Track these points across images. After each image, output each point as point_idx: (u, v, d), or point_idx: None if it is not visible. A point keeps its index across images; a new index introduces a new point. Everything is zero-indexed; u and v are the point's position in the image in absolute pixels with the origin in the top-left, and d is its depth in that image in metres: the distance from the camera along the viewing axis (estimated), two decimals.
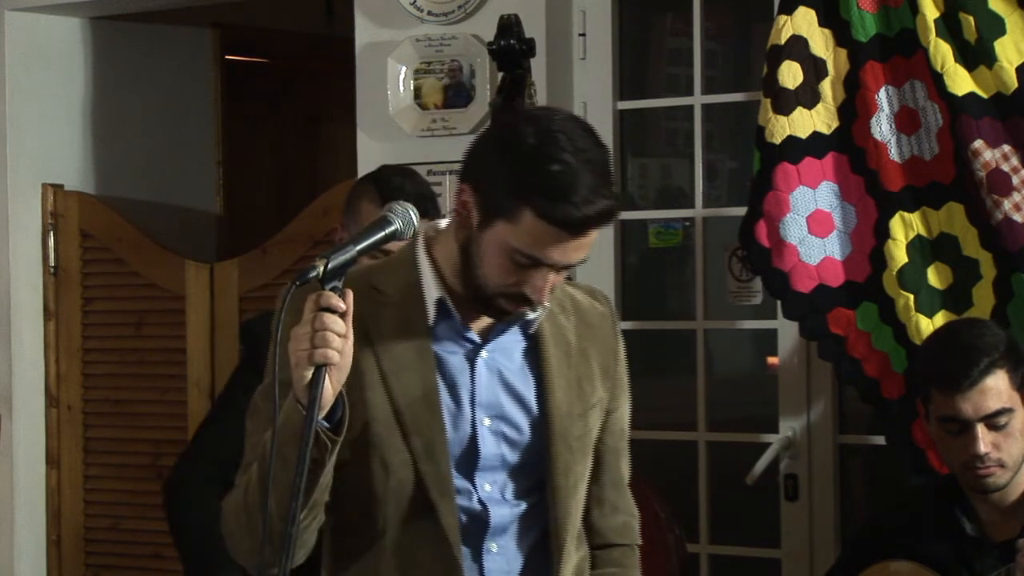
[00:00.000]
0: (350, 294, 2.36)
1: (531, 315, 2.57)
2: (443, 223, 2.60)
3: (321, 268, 2.33)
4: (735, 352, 4.82)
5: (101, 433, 5.56)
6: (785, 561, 4.41)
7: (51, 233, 5.56)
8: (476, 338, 2.57)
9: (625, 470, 2.78)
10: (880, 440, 4.08)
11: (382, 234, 2.43)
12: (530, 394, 2.60)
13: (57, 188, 5.57)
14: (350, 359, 2.36)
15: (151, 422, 5.47)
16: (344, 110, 5.20)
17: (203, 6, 5.56)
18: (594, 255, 4.54)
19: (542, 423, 2.58)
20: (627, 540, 2.78)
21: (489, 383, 2.57)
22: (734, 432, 4.58)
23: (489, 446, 2.56)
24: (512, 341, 2.60)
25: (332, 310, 2.33)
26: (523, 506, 2.59)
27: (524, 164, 2.42)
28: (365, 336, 2.50)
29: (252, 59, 6.42)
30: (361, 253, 2.38)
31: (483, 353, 2.56)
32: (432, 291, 2.54)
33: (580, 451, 2.62)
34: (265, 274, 5.24)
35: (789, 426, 4.39)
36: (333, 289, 2.34)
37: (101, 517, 5.56)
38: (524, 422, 2.59)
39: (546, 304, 2.55)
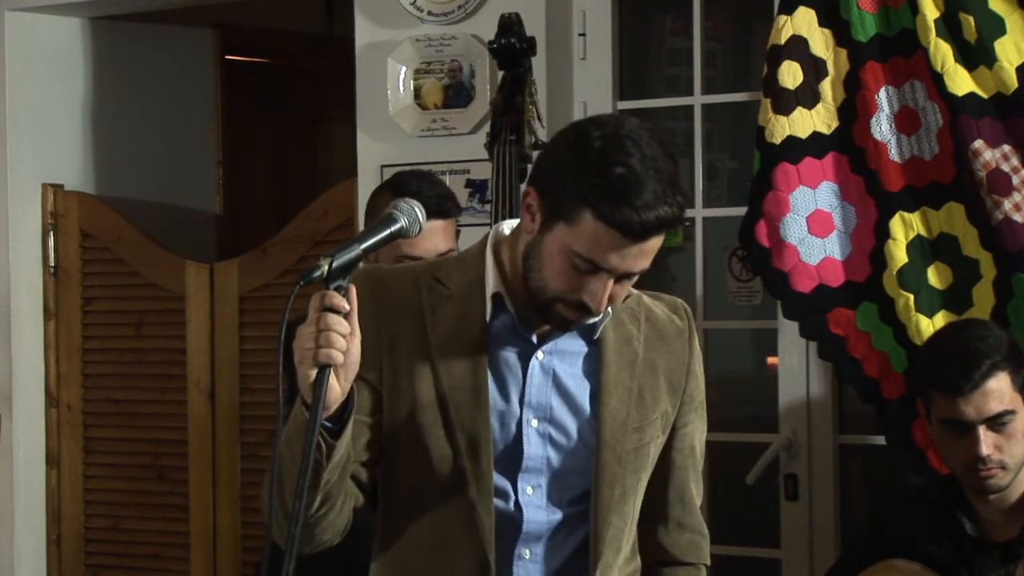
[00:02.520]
0: (353, 291, 2.35)
1: (591, 320, 2.52)
2: (516, 223, 2.57)
3: (325, 267, 2.31)
4: (735, 352, 4.82)
5: (101, 433, 5.56)
6: (785, 561, 4.41)
7: (51, 233, 5.56)
8: (533, 338, 2.53)
9: (695, 488, 2.73)
10: (880, 440, 4.08)
11: (387, 232, 2.41)
12: (584, 400, 2.55)
13: (57, 188, 5.57)
14: (357, 357, 2.34)
15: (151, 422, 5.48)
16: (344, 110, 5.20)
17: (203, 6, 5.56)
18: None
19: (592, 430, 2.55)
20: (693, 559, 2.73)
21: (541, 384, 2.53)
22: (734, 432, 4.58)
23: (534, 447, 2.53)
24: (573, 345, 2.56)
25: (336, 310, 2.31)
26: (561, 515, 2.55)
27: (588, 166, 2.38)
28: (422, 328, 2.51)
29: (252, 59, 6.42)
30: (367, 251, 2.37)
31: (538, 354, 2.53)
32: (491, 288, 2.52)
33: (631, 464, 2.56)
34: (265, 274, 5.24)
35: (789, 426, 4.40)
36: (338, 288, 2.32)
37: (101, 517, 5.57)
38: (573, 427, 2.55)
39: (607, 311, 2.52)
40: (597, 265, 2.40)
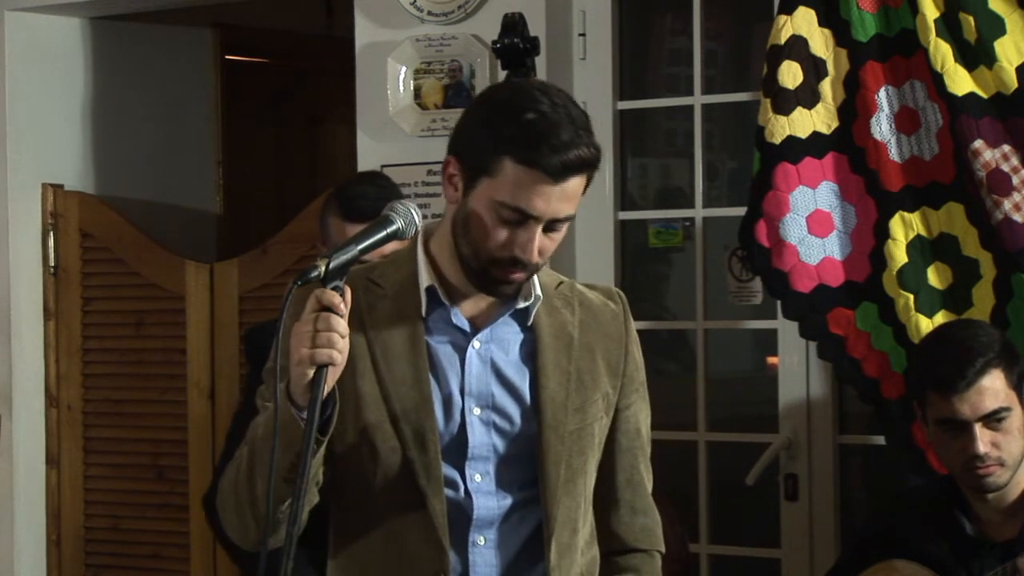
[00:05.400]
0: (348, 292, 2.38)
1: (523, 304, 2.58)
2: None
3: (323, 268, 2.35)
4: (735, 352, 4.82)
5: (101, 433, 5.56)
6: (785, 561, 4.41)
7: (51, 233, 5.56)
8: (467, 327, 2.58)
9: (645, 471, 2.76)
10: (880, 440, 4.09)
11: (383, 233, 2.44)
12: (523, 385, 2.60)
13: (57, 188, 5.57)
14: (346, 358, 2.39)
15: (151, 422, 5.48)
16: (344, 110, 5.20)
17: (203, 6, 5.56)
18: (594, 255, 4.60)
19: (534, 413, 2.59)
20: (647, 545, 2.76)
21: (480, 373, 2.58)
22: (734, 432, 4.58)
23: (479, 435, 2.57)
24: (509, 333, 2.61)
25: (335, 310, 2.35)
26: (511, 500, 2.59)
27: (500, 118, 2.47)
28: (360, 327, 2.55)
29: (252, 59, 6.42)
30: (363, 252, 2.40)
31: (475, 343, 2.58)
32: (424, 281, 2.57)
33: (576, 444, 2.61)
34: (265, 274, 5.24)
35: (789, 426, 4.39)
36: (335, 288, 2.36)
37: (101, 517, 5.56)
38: (516, 413, 2.59)
39: (537, 296, 2.57)
40: (523, 211, 2.45)
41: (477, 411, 2.58)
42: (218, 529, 3.72)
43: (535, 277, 2.60)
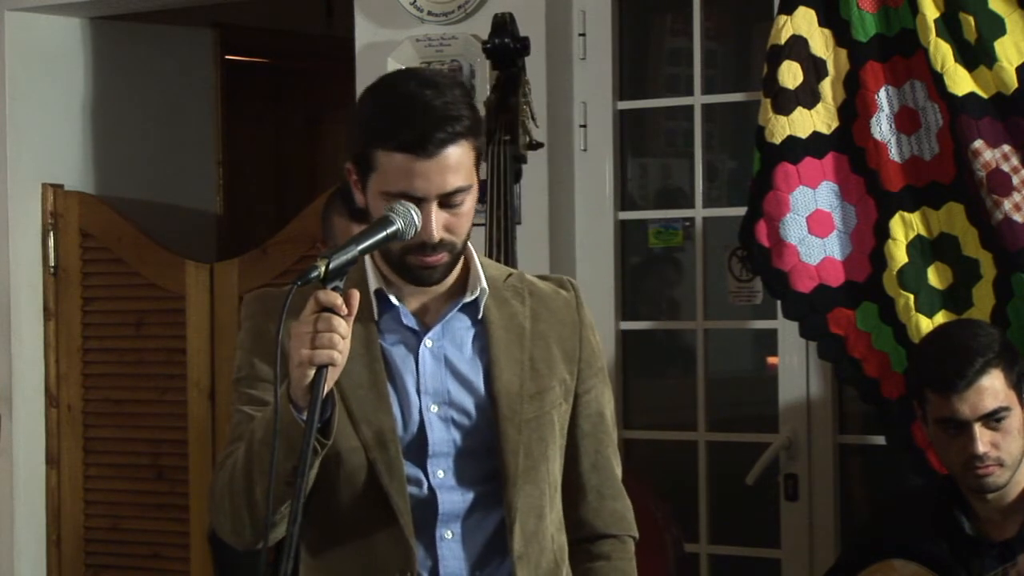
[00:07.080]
0: (355, 294, 2.39)
1: (469, 297, 2.60)
2: None
3: (323, 268, 2.35)
4: (735, 352, 4.82)
5: (101, 433, 5.56)
6: (785, 561, 4.41)
7: (51, 233, 5.56)
8: (416, 326, 2.60)
9: (612, 456, 2.76)
10: (880, 440, 4.09)
11: (384, 234, 2.44)
12: (478, 379, 2.62)
13: (57, 188, 5.57)
14: (346, 358, 2.39)
15: (151, 422, 5.48)
16: (344, 110, 5.20)
17: (203, 6, 5.56)
18: (594, 255, 4.60)
19: (490, 405, 2.61)
20: (617, 530, 2.75)
21: (435, 370, 2.60)
22: (734, 432, 4.58)
23: (438, 432, 2.59)
24: (461, 329, 2.63)
25: (336, 310, 2.35)
26: (474, 493, 2.60)
27: (367, 113, 2.52)
28: None
29: (252, 59, 6.42)
30: (363, 253, 2.42)
31: (427, 341, 2.60)
32: (373, 285, 2.60)
33: (536, 433, 2.62)
34: (265, 274, 5.24)
35: (789, 426, 4.39)
36: (335, 289, 2.36)
37: (101, 517, 5.57)
38: (472, 407, 2.61)
39: (483, 288, 2.59)
40: (408, 195, 2.47)
41: (434, 408, 2.59)
42: (218, 562, 3.68)
43: (480, 270, 2.63)
